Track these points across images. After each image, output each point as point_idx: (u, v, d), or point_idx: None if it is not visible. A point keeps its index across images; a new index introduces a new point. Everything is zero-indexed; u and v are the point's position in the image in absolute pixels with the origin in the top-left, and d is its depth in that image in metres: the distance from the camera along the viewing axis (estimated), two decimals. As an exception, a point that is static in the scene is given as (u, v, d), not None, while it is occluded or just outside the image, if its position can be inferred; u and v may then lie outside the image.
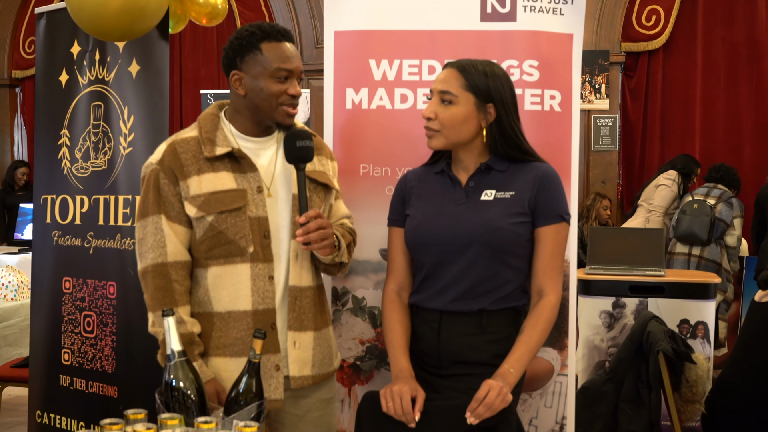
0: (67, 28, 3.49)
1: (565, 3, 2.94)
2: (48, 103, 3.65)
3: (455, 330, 2.35)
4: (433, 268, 2.38)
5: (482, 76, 2.35)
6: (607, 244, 4.94)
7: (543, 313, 2.32)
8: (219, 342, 2.36)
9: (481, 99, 2.34)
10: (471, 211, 2.35)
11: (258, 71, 2.34)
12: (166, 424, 1.73)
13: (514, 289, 2.37)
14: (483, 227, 2.31)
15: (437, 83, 2.37)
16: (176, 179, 2.34)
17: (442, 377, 2.34)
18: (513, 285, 2.36)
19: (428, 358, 2.38)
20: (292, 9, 8.71)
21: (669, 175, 6.79)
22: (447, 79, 2.36)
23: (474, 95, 2.34)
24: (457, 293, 2.34)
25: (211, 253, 2.36)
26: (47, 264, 3.64)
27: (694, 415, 4.13)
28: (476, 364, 2.32)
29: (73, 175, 3.52)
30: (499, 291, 2.34)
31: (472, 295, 2.33)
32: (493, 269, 2.33)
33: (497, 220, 2.31)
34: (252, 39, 2.35)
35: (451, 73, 2.36)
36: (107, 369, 3.40)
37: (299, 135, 2.35)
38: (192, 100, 9.04)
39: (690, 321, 4.52)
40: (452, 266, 2.34)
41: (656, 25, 7.88)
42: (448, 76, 2.36)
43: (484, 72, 2.36)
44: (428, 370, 2.37)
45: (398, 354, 2.36)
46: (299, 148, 2.33)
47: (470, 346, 2.34)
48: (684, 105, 7.93)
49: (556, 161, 2.93)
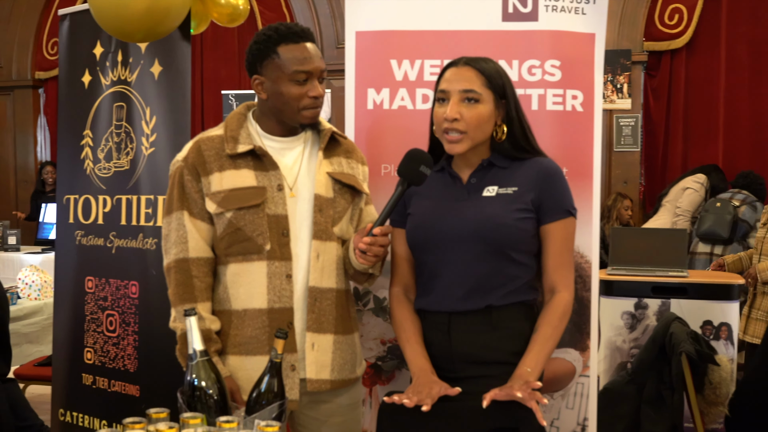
0: (90, 30, 3.51)
1: (588, 2, 2.92)
2: (71, 103, 3.67)
3: (465, 330, 2.30)
4: (436, 268, 2.33)
5: (495, 72, 2.33)
6: (629, 245, 4.92)
7: (557, 310, 2.29)
8: (235, 340, 2.36)
9: (498, 96, 2.32)
10: (473, 208, 2.31)
11: (277, 75, 2.34)
12: (188, 423, 1.74)
13: (522, 284, 2.31)
14: (485, 223, 2.27)
15: (455, 83, 2.30)
16: (199, 176, 2.35)
17: (456, 381, 2.25)
18: (521, 281, 2.31)
19: (440, 362, 2.31)
20: (312, 9, 8.73)
21: (697, 178, 6.71)
22: (468, 77, 2.30)
23: (493, 92, 2.31)
24: (463, 292, 2.29)
25: (230, 250, 2.36)
26: (70, 263, 3.66)
27: (718, 418, 4.10)
28: (491, 363, 2.28)
29: (96, 176, 3.54)
30: (506, 286, 2.29)
31: (478, 292, 2.28)
32: (499, 266, 2.28)
33: (500, 216, 2.27)
34: (269, 43, 2.34)
35: (469, 72, 2.31)
36: (129, 368, 3.41)
37: (427, 161, 2.27)
38: (213, 101, 9.08)
39: (713, 322, 4.49)
40: (455, 265, 2.30)
41: (679, 24, 7.83)
42: (467, 75, 2.31)
43: (495, 69, 2.34)
44: (442, 375, 2.29)
45: (415, 353, 2.32)
46: (419, 173, 2.26)
47: (482, 345, 2.29)
48: (707, 104, 7.87)
49: (577, 161, 2.92)
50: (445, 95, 2.31)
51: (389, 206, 2.25)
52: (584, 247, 2.93)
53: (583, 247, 2.92)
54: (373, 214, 2.57)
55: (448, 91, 2.31)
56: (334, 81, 7.90)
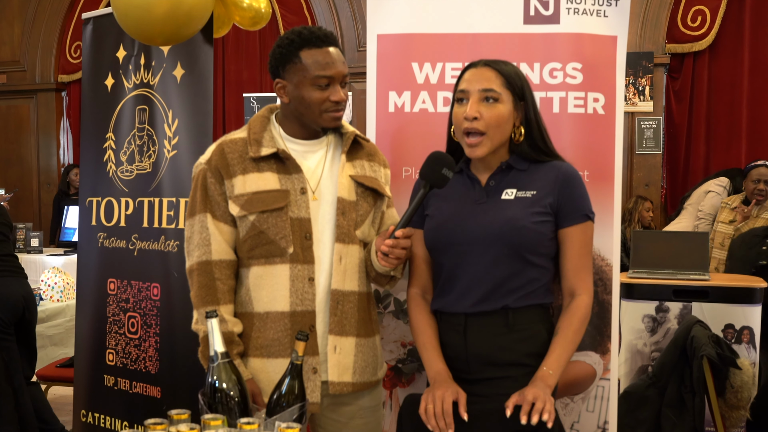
0: (113, 33, 3.54)
1: (609, 5, 2.91)
2: (94, 106, 3.70)
3: (481, 331, 2.29)
4: (454, 270, 2.33)
5: (514, 74, 2.34)
6: (650, 248, 4.89)
7: (577, 312, 2.29)
8: (257, 342, 2.36)
9: (517, 97, 2.33)
10: (491, 210, 2.31)
11: (299, 80, 2.34)
12: (210, 425, 1.75)
13: (539, 287, 2.31)
14: (504, 226, 2.26)
15: (474, 83, 2.31)
16: (222, 179, 2.36)
17: (472, 383, 2.26)
18: (538, 283, 2.31)
19: (457, 364, 2.31)
20: (334, 12, 8.74)
21: (720, 181, 6.65)
22: (487, 77, 2.31)
23: (512, 93, 2.32)
24: (481, 294, 2.28)
25: (253, 253, 2.37)
26: (92, 265, 3.69)
27: (739, 422, 4.08)
28: (507, 365, 2.27)
29: (118, 178, 3.56)
30: (524, 289, 2.28)
31: (496, 294, 2.28)
32: (516, 268, 2.28)
33: (519, 219, 2.27)
34: (291, 47, 2.34)
35: (489, 72, 2.32)
36: (151, 370, 3.43)
37: (449, 164, 2.28)
38: (235, 103, 9.11)
39: (735, 326, 4.46)
40: (473, 267, 2.29)
41: (702, 26, 7.78)
42: (487, 75, 2.31)
43: (514, 71, 2.35)
44: (458, 376, 2.29)
45: (432, 356, 2.32)
46: (442, 175, 2.27)
47: (498, 347, 2.28)
48: (730, 107, 7.82)
49: (599, 164, 2.91)
50: (465, 95, 2.32)
51: (411, 209, 2.25)
52: (605, 250, 2.92)
53: (604, 250, 2.92)
54: (395, 216, 2.57)
55: (468, 91, 2.31)
56: (356, 84, 7.92)
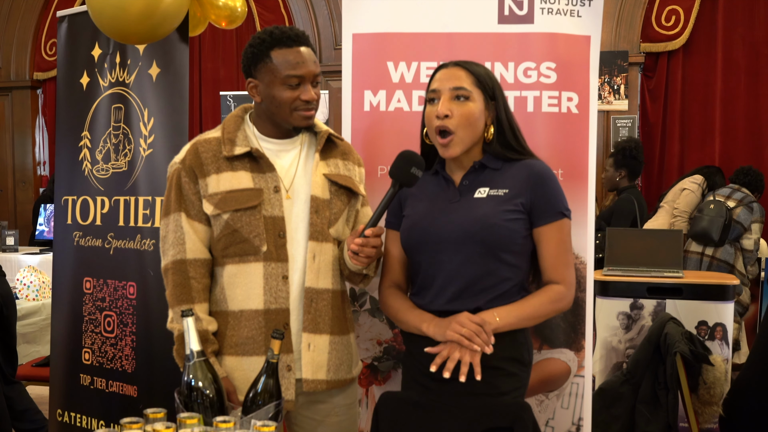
0: (88, 31, 3.52)
1: (583, 5, 2.94)
2: (69, 105, 3.68)
3: None
4: (429, 269, 2.35)
5: (485, 74, 2.37)
6: (625, 245, 4.93)
7: (548, 291, 2.33)
8: (232, 341, 2.37)
9: (488, 96, 2.36)
10: (464, 209, 2.33)
11: (270, 79, 2.36)
12: (185, 423, 1.75)
13: (512, 286, 2.32)
14: (476, 224, 2.28)
15: (445, 81, 2.34)
16: (196, 178, 2.37)
17: (446, 382, 2.21)
18: (510, 282, 2.32)
19: (430, 363, 2.26)
20: (311, 10, 8.73)
21: (695, 179, 6.72)
22: (458, 76, 2.34)
23: (483, 92, 2.35)
24: (453, 292, 2.30)
25: (227, 252, 2.38)
26: (68, 264, 3.67)
27: (712, 417, 4.12)
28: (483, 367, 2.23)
29: (94, 177, 3.55)
30: (496, 289, 2.30)
31: (468, 293, 2.29)
32: (489, 267, 2.29)
33: (490, 217, 2.29)
34: (262, 47, 2.37)
35: (460, 71, 2.36)
36: (127, 369, 3.42)
37: (418, 163, 2.31)
38: (212, 102, 9.08)
39: (708, 323, 4.50)
40: (447, 265, 2.31)
41: (676, 26, 7.84)
42: (458, 74, 2.35)
43: (485, 71, 2.39)
44: (431, 376, 2.26)
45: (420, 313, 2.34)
46: (411, 174, 2.30)
47: None
48: (704, 106, 7.88)
49: (573, 163, 2.94)
50: (436, 95, 2.35)
51: (381, 208, 2.28)
52: (579, 248, 2.95)
53: (578, 248, 2.94)
54: (369, 215, 2.58)
55: (439, 90, 2.34)
56: (332, 82, 7.91)
